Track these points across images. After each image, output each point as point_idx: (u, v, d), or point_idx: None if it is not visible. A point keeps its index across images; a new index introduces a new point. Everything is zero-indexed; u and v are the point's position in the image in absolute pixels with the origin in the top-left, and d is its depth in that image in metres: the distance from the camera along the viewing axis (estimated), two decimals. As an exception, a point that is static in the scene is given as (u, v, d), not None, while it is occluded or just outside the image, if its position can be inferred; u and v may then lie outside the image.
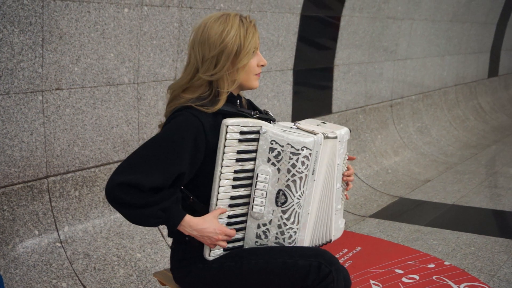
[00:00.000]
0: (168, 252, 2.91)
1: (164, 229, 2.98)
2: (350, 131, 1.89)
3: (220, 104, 1.66)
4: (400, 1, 5.37)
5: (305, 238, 1.73)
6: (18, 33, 2.36)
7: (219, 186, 1.64)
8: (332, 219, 1.84)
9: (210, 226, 1.63)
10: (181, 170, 1.61)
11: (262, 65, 1.74)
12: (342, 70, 4.82)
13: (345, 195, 1.96)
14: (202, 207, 1.69)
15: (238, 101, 1.78)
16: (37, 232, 2.52)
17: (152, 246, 2.90)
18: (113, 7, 2.73)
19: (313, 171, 1.67)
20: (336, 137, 1.76)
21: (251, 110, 1.79)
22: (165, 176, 1.59)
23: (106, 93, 2.78)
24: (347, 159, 1.92)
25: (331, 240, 1.86)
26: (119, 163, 2.89)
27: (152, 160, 1.59)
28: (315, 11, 4.30)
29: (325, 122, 1.85)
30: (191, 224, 1.63)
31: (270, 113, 1.82)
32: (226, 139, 1.62)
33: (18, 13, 2.35)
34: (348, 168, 1.92)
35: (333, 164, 1.78)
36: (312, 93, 4.53)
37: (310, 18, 4.24)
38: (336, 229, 1.88)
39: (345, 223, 1.93)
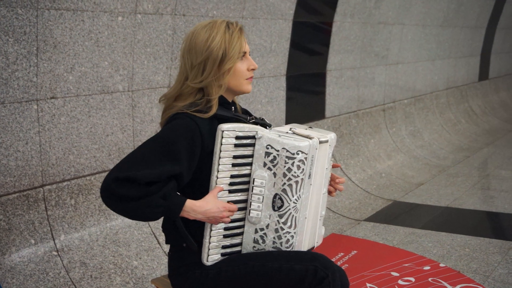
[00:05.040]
0: (164, 259, 2.91)
1: (160, 235, 2.98)
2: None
3: (213, 110, 1.67)
4: (390, 6, 5.42)
5: (303, 242, 1.74)
6: (12, 42, 2.37)
7: None
8: (317, 225, 1.83)
9: (213, 206, 1.63)
10: (179, 169, 1.61)
11: (253, 69, 1.75)
12: (335, 75, 4.85)
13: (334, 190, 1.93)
14: None
15: (233, 107, 1.79)
16: (33, 241, 2.51)
17: (149, 253, 2.90)
18: (107, 16, 2.74)
19: (309, 175, 1.68)
20: (327, 141, 1.77)
21: (247, 115, 1.80)
22: (160, 172, 1.58)
23: (100, 101, 2.79)
24: (332, 167, 1.91)
25: (313, 247, 1.85)
26: (114, 171, 2.90)
27: (148, 157, 1.59)
28: (307, 17, 4.33)
29: (312, 127, 1.86)
30: (194, 208, 1.62)
31: (266, 120, 1.83)
32: (222, 144, 1.63)
33: (12, 22, 2.35)
34: (334, 178, 1.92)
35: (323, 167, 1.79)
36: (305, 99, 4.56)
37: (302, 24, 4.27)
38: (319, 235, 1.86)
39: (330, 230, 1.91)
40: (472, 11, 7.46)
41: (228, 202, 1.68)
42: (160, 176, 1.59)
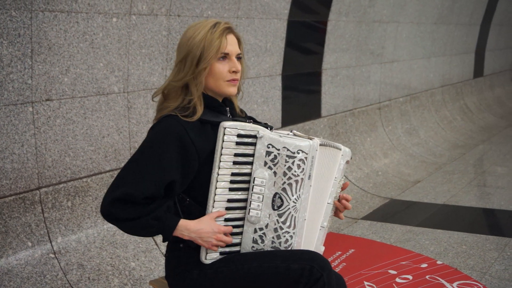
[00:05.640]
0: (162, 260, 2.91)
1: (157, 237, 2.98)
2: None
3: (199, 110, 1.67)
4: (385, 4, 5.43)
5: (302, 243, 1.74)
6: (6, 45, 2.36)
7: (216, 188, 1.65)
8: (316, 235, 1.81)
9: (207, 226, 1.64)
10: (170, 177, 1.62)
11: (235, 71, 1.71)
12: (330, 74, 4.85)
13: (340, 215, 1.90)
14: (198, 209, 1.70)
15: (228, 108, 1.79)
16: (30, 244, 2.51)
17: (146, 254, 2.89)
18: (102, 17, 2.74)
19: (309, 176, 1.68)
20: (340, 149, 1.79)
21: (245, 119, 1.79)
22: (154, 184, 1.61)
23: (96, 103, 2.78)
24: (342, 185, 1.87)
25: None
26: (111, 173, 2.90)
27: (139, 171, 1.61)
28: (302, 16, 4.34)
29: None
30: (188, 227, 1.64)
31: (268, 124, 1.83)
32: (223, 141, 1.63)
33: (7, 25, 2.35)
34: (342, 188, 1.87)
35: (330, 175, 1.79)
36: (301, 98, 4.56)
37: (297, 24, 4.27)
38: (317, 248, 1.80)
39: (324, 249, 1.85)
40: (466, 8, 7.48)
41: (228, 200, 1.67)
42: (156, 188, 1.62)
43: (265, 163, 1.66)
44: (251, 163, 1.67)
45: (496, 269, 3.00)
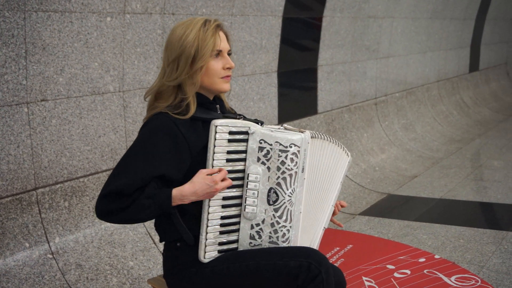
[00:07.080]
0: (160, 258, 2.91)
1: (155, 235, 2.98)
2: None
3: (192, 109, 1.67)
4: (380, 0, 5.43)
5: (299, 236, 1.74)
6: (0, 45, 2.35)
7: None
8: (318, 235, 1.84)
9: (201, 185, 1.60)
10: (160, 171, 1.62)
11: (229, 68, 1.72)
12: (326, 70, 4.85)
13: (339, 223, 1.98)
14: (193, 207, 1.69)
15: (218, 105, 1.79)
16: (27, 245, 2.50)
17: (144, 253, 2.89)
18: (96, 16, 2.73)
19: (303, 169, 1.69)
20: (348, 156, 1.87)
21: (236, 114, 1.80)
22: (143, 177, 1.60)
23: (91, 103, 2.78)
24: None
25: None
26: (107, 172, 2.90)
27: (130, 166, 1.61)
28: (297, 13, 4.33)
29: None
30: (183, 193, 1.62)
31: (259, 120, 1.84)
32: (215, 139, 1.63)
33: (0, 25, 2.34)
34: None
35: (337, 178, 1.85)
36: (297, 94, 4.56)
37: (292, 20, 4.27)
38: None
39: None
40: (461, 2, 7.49)
41: (223, 198, 1.68)
42: (145, 180, 1.60)
43: (258, 159, 1.66)
44: (244, 160, 1.68)
45: (493, 262, 3.01)
